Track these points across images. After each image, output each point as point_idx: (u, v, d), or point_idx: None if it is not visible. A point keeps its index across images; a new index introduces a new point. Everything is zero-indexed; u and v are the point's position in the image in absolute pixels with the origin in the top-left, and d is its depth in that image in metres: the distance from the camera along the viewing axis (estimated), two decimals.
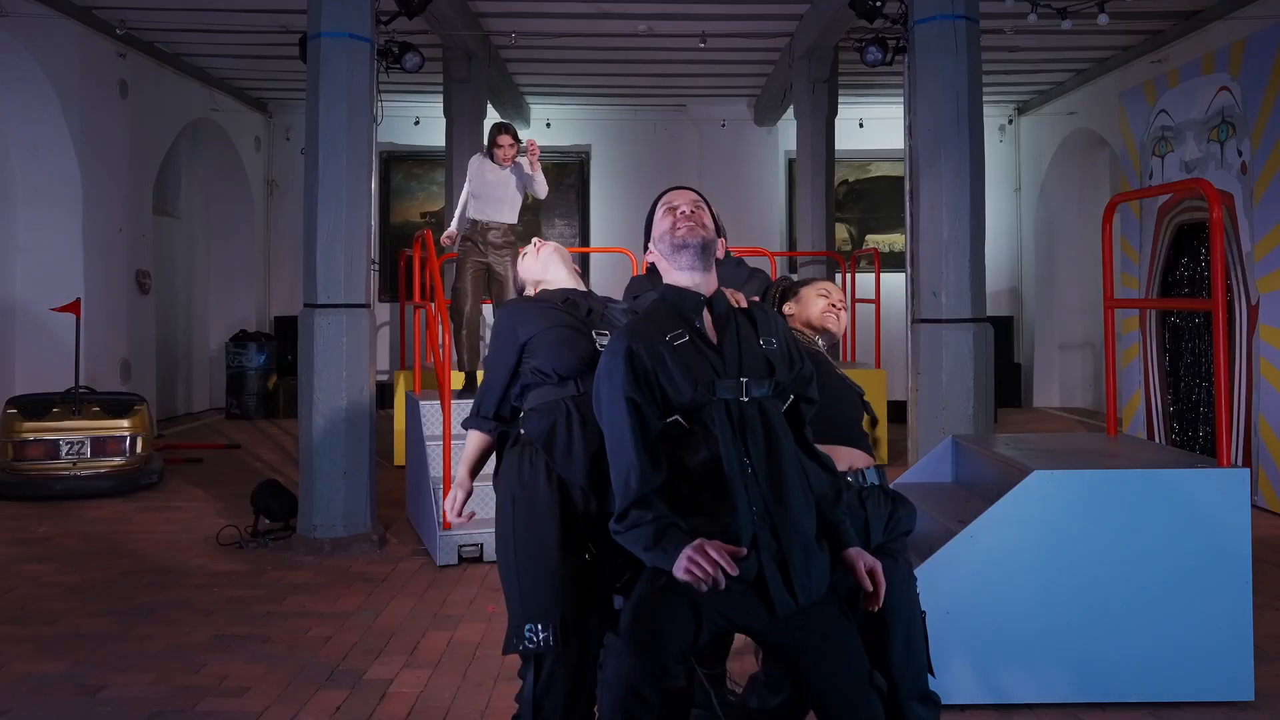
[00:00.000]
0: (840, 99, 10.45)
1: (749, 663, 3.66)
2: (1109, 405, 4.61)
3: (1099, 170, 12.36)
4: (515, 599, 2.58)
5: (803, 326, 2.97)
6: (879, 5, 6.86)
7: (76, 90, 8.79)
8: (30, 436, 7.20)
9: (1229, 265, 6.96)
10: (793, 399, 2.36)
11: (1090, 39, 9.55)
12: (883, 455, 7.79)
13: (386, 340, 12.54)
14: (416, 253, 6.91)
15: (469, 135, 10.11)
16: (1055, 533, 3.43)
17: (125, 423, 7.42)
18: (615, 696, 2.07)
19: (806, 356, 2.41)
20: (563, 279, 2.91)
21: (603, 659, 2.13)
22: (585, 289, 2.92)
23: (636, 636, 2.09)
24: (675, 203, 2.41)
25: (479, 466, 2.87)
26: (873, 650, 2.41)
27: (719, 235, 2.47)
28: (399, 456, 8.18)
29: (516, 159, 6.61)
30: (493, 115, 11.12)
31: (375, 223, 6.14)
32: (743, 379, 2.25)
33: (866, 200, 13.28)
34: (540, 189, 6.65)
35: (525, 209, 7.15)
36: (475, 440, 2.85)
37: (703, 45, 9.52)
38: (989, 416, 5.87)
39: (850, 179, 13.19)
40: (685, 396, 2.21)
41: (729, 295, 2.42)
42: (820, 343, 2.96)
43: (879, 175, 13.20)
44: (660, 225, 2.40)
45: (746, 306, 2.42)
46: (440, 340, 5.86)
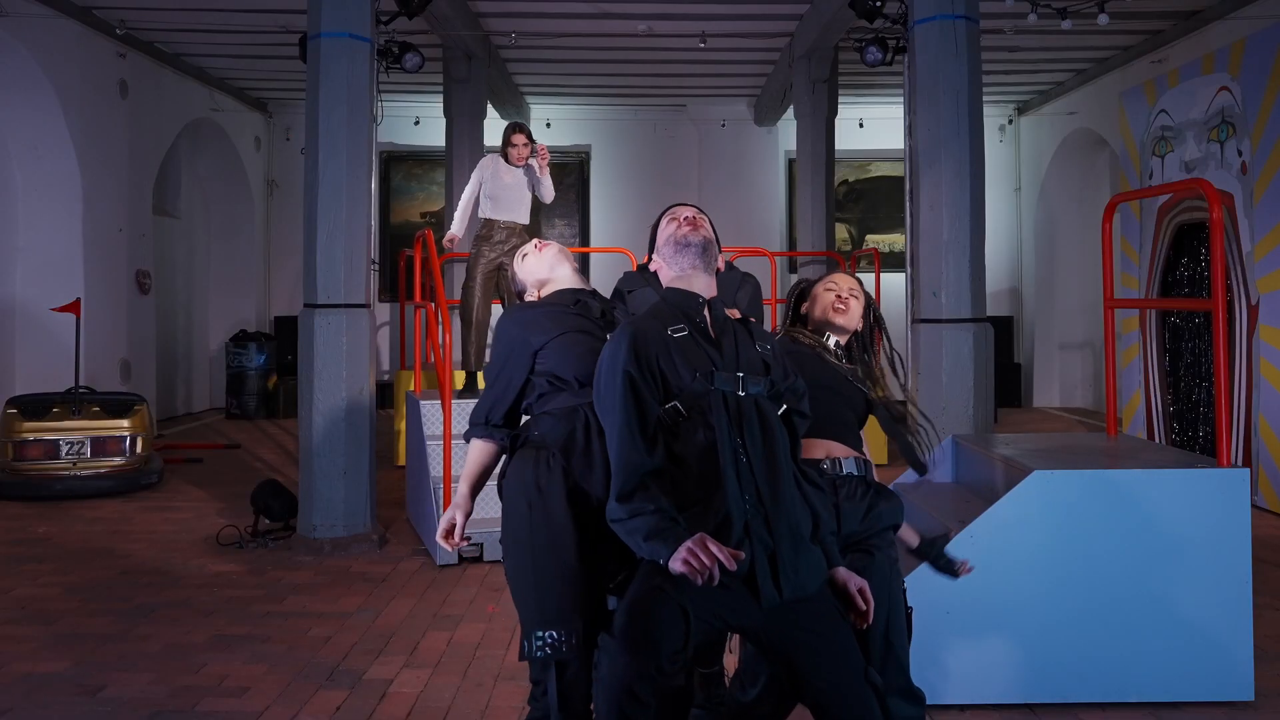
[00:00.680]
0: (840, 99, 10.45)
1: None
2: (1109, 405, 4.61)
3: (1099, 170, 12.36)
4: (531, 604, 2.49)
5: (817, 323, 2.92)
6: (879, 5, 6.87)
7: (76, 90, 8.79)
8: (30, 436, 7.20)
9: (1229, 265, 6.96)
10: (785, 408, 2.38)
11: (1090, 39, 9.55)
12: (883, 455, 7.79)
13: (386, 340, 12.54)
14: (417, 253, 6.91)
15: (469, 135, 10.12)
16: (1055, 533, 3.43)
17: (125, 423, 7.42)
18: (611, 696, 2.09)
19: (796, 372, 2.46)
20: (568, 279, 2.85)
21: (597, 659, 2.15)
22: (592, 289, 2.86)
23: (630, 637, 2.11)
24: (678, 213, 2.57)
25: (481, 484, 2.74)
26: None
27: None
28: (399, 456, 8.19)
29: (529, 159, 6.61)
30: (493, 115, 11.12)
31: (375, 223, 6.14)
32: (739, 374, 2.31)
33: (866, 200, 13.28)
34: (547, 193, 6.65)
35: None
36: (481, 452, 2.72)
37: (703, 45, 9.52)
38: (989, 416, 5.87)
39: (850, 179, 13.20)
40: (685, 382, 2.27)
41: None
42: (833, 341, 2.89)
43: (879, 175, 13.20)
44: (664, 231, 2.53)
45: (740, 319, 2.50)
46: (441, 340, 5.86)
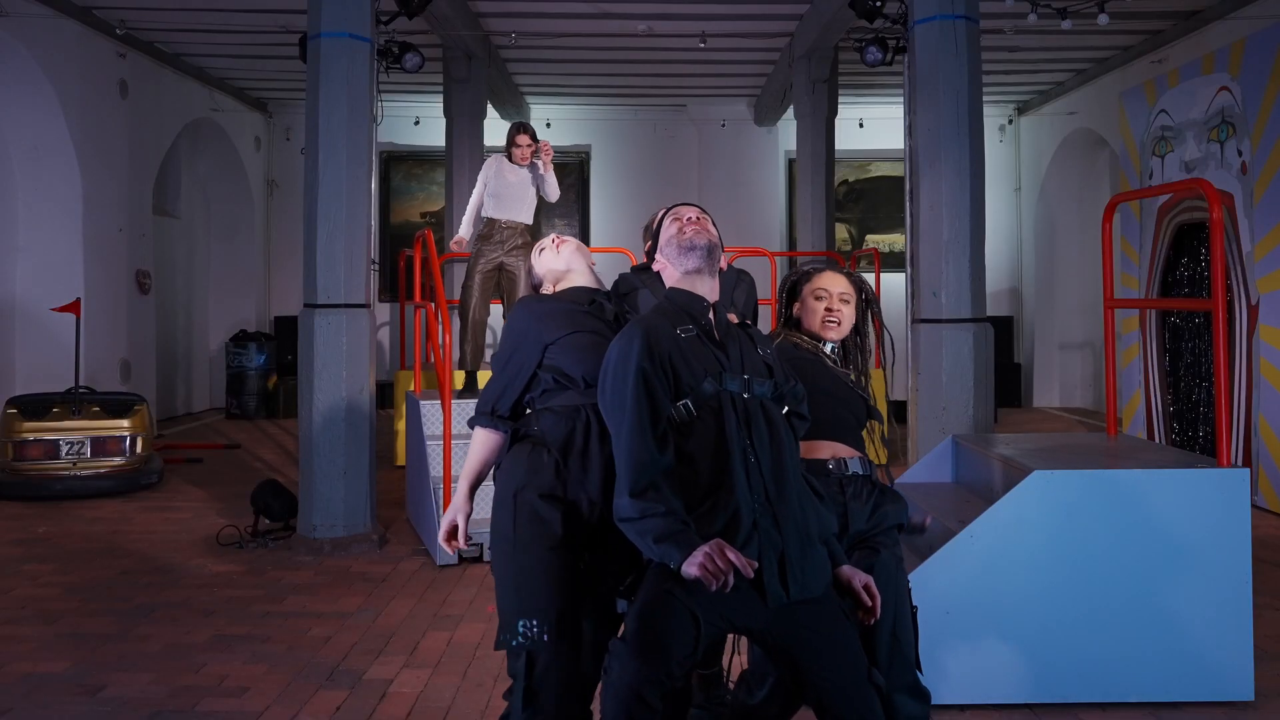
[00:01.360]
0: (840, 99, 10.45)
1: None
2: (1109, 405, 4.61)
3: (1099, 170, 12.36)
4: (510, 594, 2.51)
5: (810, 333, 2.89)
6: (879, 5, 6.86)
7: (76, 90, 8.79)
8: (30, 436, 7.20)
9: (1229, 265, 6.96)
10: (787, 410, 2.39)
11: (1090, 39, 9.55)
12: (882, 455, 7.78)
13: (386, 340, 12.54)
14: (417, 253, 6.90)
15: (469, 135, 10.11)
16: (1055, 533, 3.43)
17: (125, 423, 7.42)
18: (620, 701, 2.10)
19: (796, 377, 2.47)
20: (585, 277, 2.82)
21: (607, 663, 2.16)
22: (606, 290, 2.84)
23: (642, 642, 2.11)
24: (681, 213, 2.55)
25: (480, 481, 2.73)
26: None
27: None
28: (399, 456, 8.19)
29: (533, 159, 6.60)
30: (493, 115, 11.13)
31: (375, 223, 6.14)
32: (746, 376, 2.33)
33: (866, 200, 13.28)
34: (552, 191, 6.63)
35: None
36: (484, 444, 2.70)
37: (703, 45, 9.52)
38: (989, 416, 5.87)
39: (850, 179, 13.20)
40: (697, 382, 2.27)
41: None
42: (830, 346, 2.88)
43: (879, 175, 13.20)
44: (667, 231, 2.51)
45: (740, 323, 2.51)
46: (440, 340, 5.86)
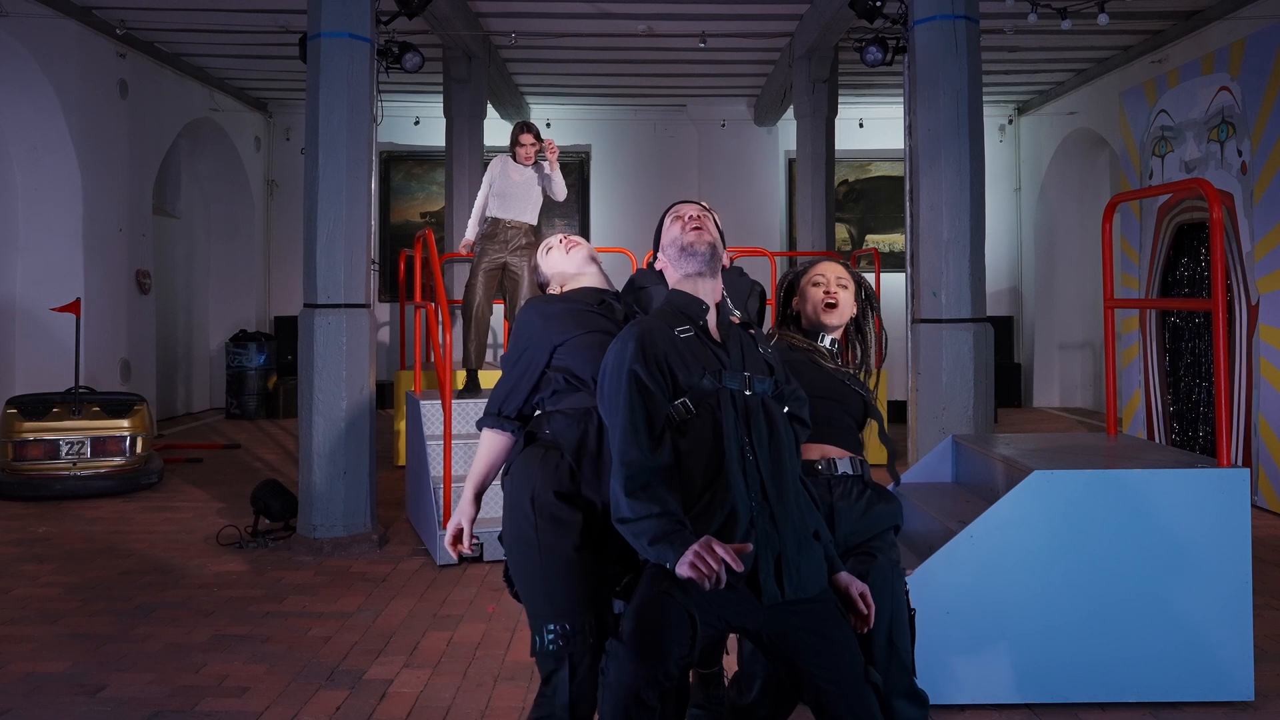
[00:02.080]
0: (840, 99, 10.45)
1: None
2: (1109, 405, 4.61)
3: (1099, 170, 12.36)
4: (541, 599, 2.46)
5: (810, 322, 2.87)
6: (879, 5, 6.86)
7: (76, 90, 8.79)
8: (30, 436, 7.20)
9: (1229, 265, 6.96)
10: (788, 410, 2.39)
11: (1090, 39, 9.56)
12: (882, 454, 7.78)
13: (387, 340, 12.54)
14: (417, 253, 6.90)
15: (469, 135, 10.12)
16: (1055, 533, 3.43)
17: (125, 423, 7.42)
18: (617, 700, 2.09)
19: (804, 372, 2.47)
20: (595, 278, 2.81)
21: (604, 664, 2.15)
22: (615, 291, 2.82)
23: (640, 643, 2.11)
24: (682, 211, 2.51)
25: (486, 485, 2.70)
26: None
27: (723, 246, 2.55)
28: (399, 456, 8.19)
29: (538, 159, 6.59)
30: (493, 115, 11.13)
31: (375, 223, 6.14)
32: (746, 373, 2.32)
33: (866, 200, 13.28)
34: (559, 190, 6.62)
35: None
36: (491, 447, 2.67)
37: (703, 45, 9.52)
38: (989, 416, 5.87)
39: (850, 179, 13.19)
40: (695, 379, 2.26)
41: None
42: (828, 340, 2.85)
43: (879, 175, 13.20)
44: (669, 232, 2.49)
45: (742, 323, 2.50)
46: (441, 339, 5.86)
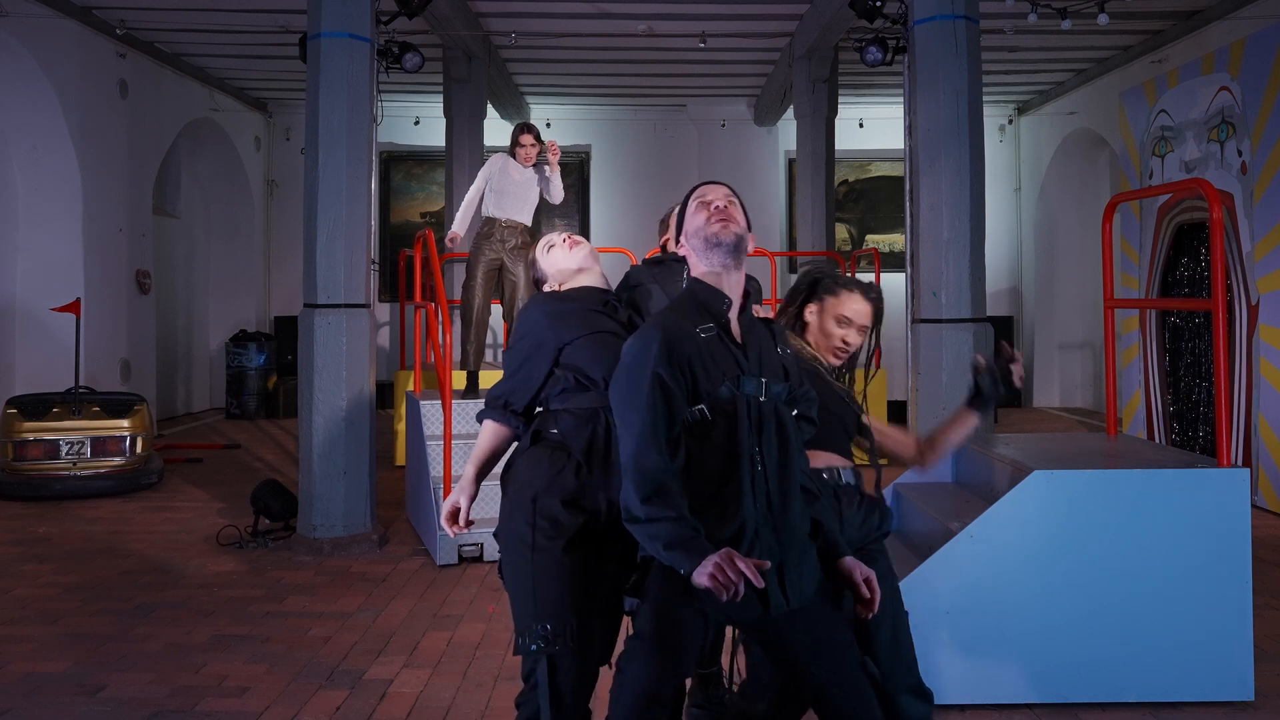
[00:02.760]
0: (840, 99, 10.45)
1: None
2: (1109, 405, 4.61)
3: (1099, 170, 12.36)
4: (528, 599, 2.45)
5: (811, 339, 2.85)
6: (879, 5, 6.86)
7: (76, 90, 8.79)
8: (30, 436, 7.20)
9: (1229, 265, 6.96)
10: (798, 412, 2.36)
11: (1090, 39, 9.55)
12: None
13: (387, 340, 12.54)
14: (417, 252, 6.90)
15: (469, 135, 10.12)
16: (1055, 533, 3.43)
17: (125, 423, 7.42)
18: (633, 698, 2.10)
19: (808, 381, 2.42)
20: (595, 278, 2.79)
21: (623, 663, 2.16)
22: (616, 292, 2.80)
23: (662, 644, 2.11)
24: (709, 197, 2.33)
25: (489, 468, 2.69)
26: (859, 646, 2.42)
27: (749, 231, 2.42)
28: (399, 456, 8.19)
29: (539, 160, 6.58)
30: (493, 115, 11.12)
31: (375, 223, 6.14)
32: (763, 379, 2.25)
33: (866, 200, 13.28)
34: (557, 192, 6.60)
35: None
36: (493, 434, 2.64)
37: (703, 45, 9.52)
38: (989, 416, 5.87)
39: (850, 179, 13.19)
40: (716, 386, 2.19)
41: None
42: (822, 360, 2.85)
43: (879, 175, 13.20)
44: (694, 220, 2.31)
45: (764, 319, 2.42)
46: (441, 340, 5.86)
